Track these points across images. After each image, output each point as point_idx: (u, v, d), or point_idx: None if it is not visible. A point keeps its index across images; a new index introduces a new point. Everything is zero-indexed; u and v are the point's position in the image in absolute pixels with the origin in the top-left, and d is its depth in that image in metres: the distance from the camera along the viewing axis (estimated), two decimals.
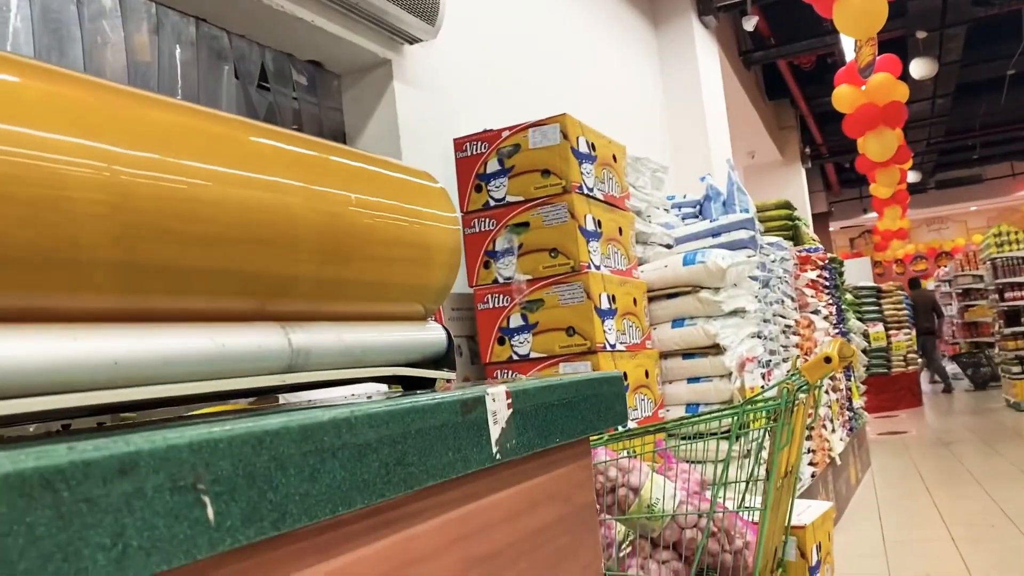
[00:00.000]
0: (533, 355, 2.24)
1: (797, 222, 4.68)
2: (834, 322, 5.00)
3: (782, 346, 3.33)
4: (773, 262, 3.35)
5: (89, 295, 0.51)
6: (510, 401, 0.71)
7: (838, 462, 4.25)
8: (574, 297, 2.20)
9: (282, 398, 1.03)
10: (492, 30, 3.13)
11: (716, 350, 2.54)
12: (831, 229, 17.05)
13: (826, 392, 4.29)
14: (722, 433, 2.35)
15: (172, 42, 2.09)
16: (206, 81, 2.15)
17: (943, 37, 8.15)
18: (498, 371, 2.29)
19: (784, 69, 8.60)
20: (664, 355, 2.61)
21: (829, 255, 5.32)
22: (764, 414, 1.81)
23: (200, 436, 0.42)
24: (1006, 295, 8.28)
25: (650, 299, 2.60)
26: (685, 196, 3.36)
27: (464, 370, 2.41)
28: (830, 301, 4.92)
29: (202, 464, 0.42)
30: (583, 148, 2.29)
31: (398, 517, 0.61)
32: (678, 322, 2.58)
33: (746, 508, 1.90)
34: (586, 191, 2.27)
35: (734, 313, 2.64)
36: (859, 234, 19.80)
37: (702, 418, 1.87)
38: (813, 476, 3.59)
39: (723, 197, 3.23)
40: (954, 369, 12.67)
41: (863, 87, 6.85)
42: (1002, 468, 5.13)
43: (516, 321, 2.28)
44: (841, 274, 5.86)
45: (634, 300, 2.42)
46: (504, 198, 2.29)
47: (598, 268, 2.26)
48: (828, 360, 1.83)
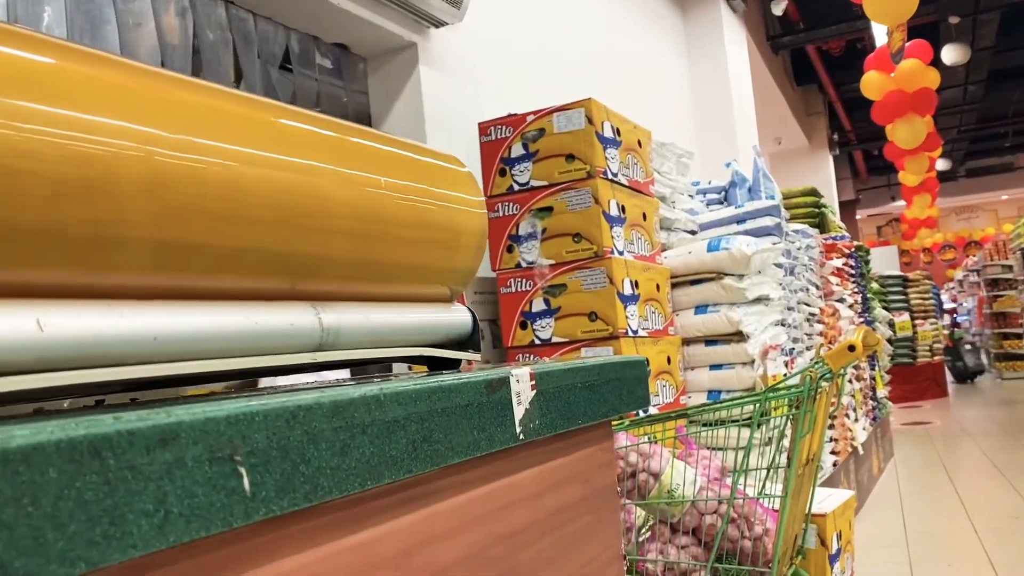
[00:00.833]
0: (555, 340, 2.25)
1: (823, 209, 4.63)
2: (859, 311, 4.95)
3: (806, 334, 3.32)
4: (799, 249, 3.32)
5: (130, 273, 0.53)
6: (534, 382, 0.72)
7: (860, 451, 4.22)
8: (597, 282, 2.20)
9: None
10: (518, 14, 3.12)
11: (739, 337, 2.54)
12: (858, 217, 16.85)
13: (850, 381, 4.26)
14: (744, 420, 2.35)
15: (201, 24, 2.11)
16: (233, 63, 2.17)
17: (976, 23, 7.99)
18: (520, 355, 2.30)
19: (813, 54, 8.48)
20: (686, 341, 2.61)
21: (855, 243, 5.27)
22: (786, 402, 1.80)
23: (237, 409, 0.44)
24: None
25: (673, 285, 2.60)
26: (710, 182, 3.34)
27: (486, 354, 2.42)
28: (855, 290, 4.88)
29: (239, 436, 0.43)
30: (608, 133, 2.29)
31: (423, 493, 0.62)
32: (701, 308, 2.57)
33: (766, 495, 1.91)
34: (610, 176, 2.27)
35: (758, 300, 2.63)
36: (886, 222, 19.55)
37: (724, 405, 1.87)
38: (835, 465, 3.58)
39: (749, 183, 3.20)
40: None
41: (892, 74, 6.74)
42: None
43: (539, 305, 2.29)
44: (867, 262, 5.80)
45: (657, 286, 2.42)
46: (528, 182, 2.30)
47: (621, 253, 2.26)
48: (852, 348, 1.82)
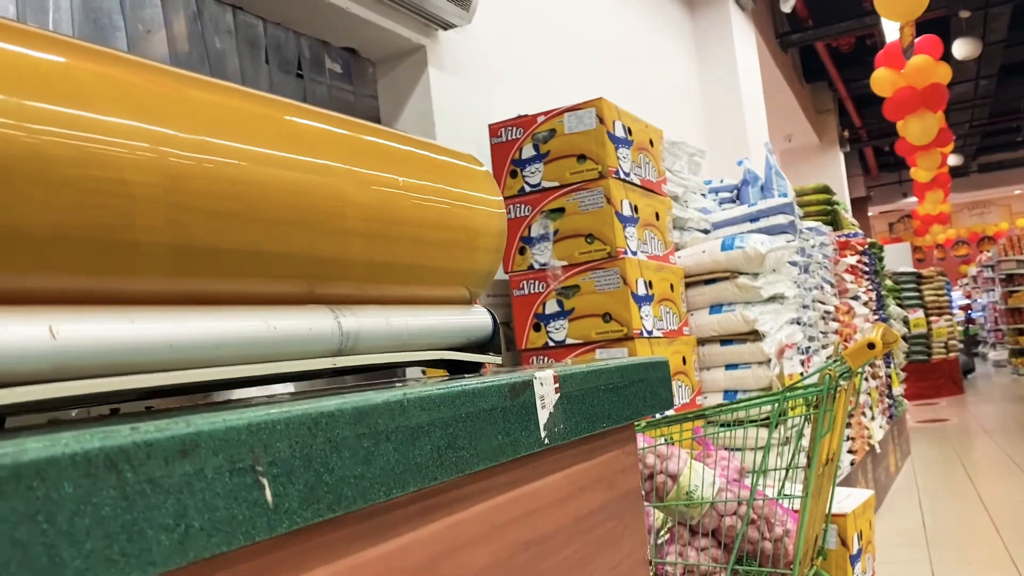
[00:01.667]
0: (569, 341, 2.23)
1: (836, 207, 4.60)
2: (874, 308, 4.91)
3: (821, 332, 3.28)
4: (812, 247, 3.29)
5: (144, 278, 0.52)
6: (557, 385, 0.70)
7: (877, 450, 4.18)
8: (610, 283, 2.18)
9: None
10: (526, 15, 3.10)
11: (755, 336, 2.51)
12: (870, 214, 16.75)
13: (865, 379, 4.22)
14: (761, 420, 2.32)
15: (210, 30, 2.11)
16: (243, 69, 2.17)
17: (987, 16, 7.93)
18: (534, 357, 2.29)
19: (822, 51, 8.43)
20: (702, 341, 2.59)
21: (869, 240, 5.23)
22: (803, 401, 1.78)
23: (258, 417, 0.42)
24: None
25: (687, 285, 2.58)
26: (722, 181, 3.32)
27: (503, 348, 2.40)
28: (870, 287, 4.84)
29: (260, 446, 0.42)
30: (619, 132, 2.27)
31: (448, 501, 0.60)
32: (716, 308, 2.55)
33: (786, 496, 1.88)
34: (622, 176, 2.25)
35: (773, 299, 2.61)
36: (898, 219, 19.43)
37: (742, 405, 1.85)
38: (852, 464, 3.54)
39: (761, 181, 3.18)
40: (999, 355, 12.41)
41: (902, 70, 6.69)
42: None
43: (552, 307, 2.27)
44: (881, 259, 5.75)
45: (671, 286, 2.40)
46: (540, 183, 2.28)
47: (635, 254, 2.24)
48: (871, 346, 1.79)
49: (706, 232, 2.84)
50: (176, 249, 0.52)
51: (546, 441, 0.68)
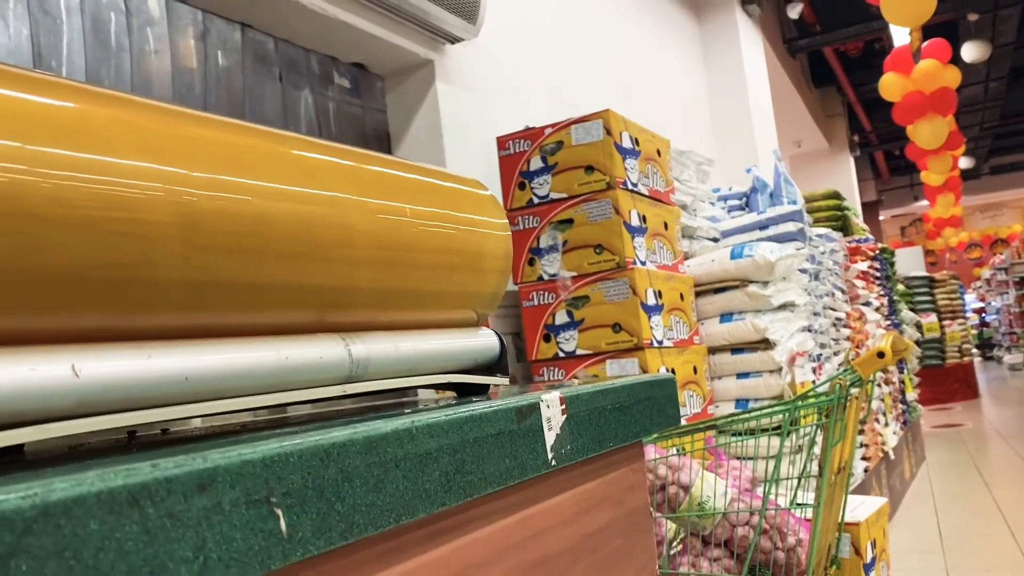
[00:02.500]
0: (579, 352, 2.25)
1: (846, 212, 4.59)
2: (886, 313, 4.89)
3: (833, 339, 3.28)
4: (823, 254, 3.29)
5: (161, 314, 0.53)
6: (564, 407, 0.71)
7: (891, 456, 4.16)
8: (620, 293, 2.19)
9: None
10: (533, 27, 3.13)
11: (765, 345, 2.51)
12: (881, 218, 16.67)
13: (878, 385, 4.20)
14: (773, 429, 2.32)
15: (217, 48, 2.14)
16: (252, 86, 2.19)
17: (996, 19, 7.90)
18: (544, 368, 2.30)
19: (830, 56, 8.42)
20: (712, 350, 2.59)
21: (879, 245, 5.21)
22: (815, 410, 1.78)
23: (272, 451, 0.43)
24: None
25: (697, 294, 2.58)
26: (731, 188, 3.32)
27: (510, 368, 2.42)
28: (881, 292, 4.82)
29: (274, 478, 0.43)
30: (626, 143, 2.28)
31: (456, 524, 0.62)
32: (726, 317, 2.55)
33: (799, 505, 1.88)
34: (630, 186, 2.26)
35: (783, 307, 2.61)
36: (910, 222, 19.33)
37: (753, 414, 1.85)
38: (866, 471, 3.53)
39: (770, 189, 3.18)
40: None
41: (910, 74, 6.67)
42: None
43: (562, 318, 2.28)
44: (892, 264, 5.73)
45: (681, 295, 2.40)
46: (548, 195, 2.30)
47: (644, 264, 2.25)
48: (881, 355, 1.80)
49: (715, 241, 2.85)
50: (191, 285, 0.54)
51: (553, 463, 0.69)
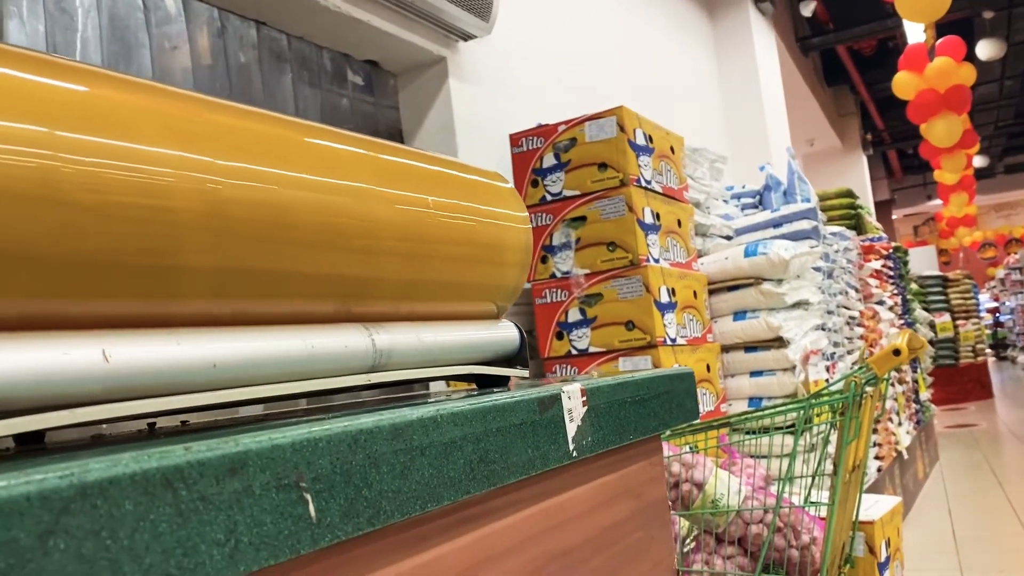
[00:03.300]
0: (592, 350, 2.24)
1: (860, 210, 4.57)
2: (899, 312, 4.87)
3: (846, 338, 3.26)
4: (836, 252, 3.28)
5: (189, 301, 0.54)
6: (585, 399, 0.71)
7: (905, 456, 4.14)
8: (633, 291, 2.19)
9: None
10: (545, 24, 3.12)
11: (779, 343, 2.51)
12: (894, 217, 16.58)
13: (892, 385, 4.18)
14: (787, 427, 2.32)
15: (234, 45, 2.15)
16: (266, 83, 2.20)
17: (1011, 16, 7.85)
18: (557, 366, 2.30)
19: (843, 54, 8.38)
20: (726, 348, 2.59)
21: (893, 244, 5.18)
22: (829, 408, 1.78)
23: (301, 436, 0.44)
24: None
25: (711, 292, 2.57)
26: (744, 186, 3.31)
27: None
28: (895, 291, 4.80)
29: (304, 463, 0.43)
30: (640, 140, 2.28)
31: (479, 513, 0.62)
32: (740, 315, 2.55)
33: (812, 503, 1.88)
34: (644, 184, 2.25)
35: (797, 305, 2.60)
36: (923, 221, 19.21)
37: (767, 412, 1.85)
38: (879, 470, 3.51)
39: (783, 187, 3.17)
40: None
41: (924, 72, 6.63)
42: None
43: (574, 315, 2.28)
44: (906, 263, 5.70)
45: (694, 293, 2.40)
46: (561, 192, 2.30)
47: (657, 261, 2.24)
48: (897, 352, 1.79)
49: (729, 238, 2.84)
50: (219, 272, 0.54)
51: (574, 454, 0.69)
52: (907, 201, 17.15)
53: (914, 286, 6.49)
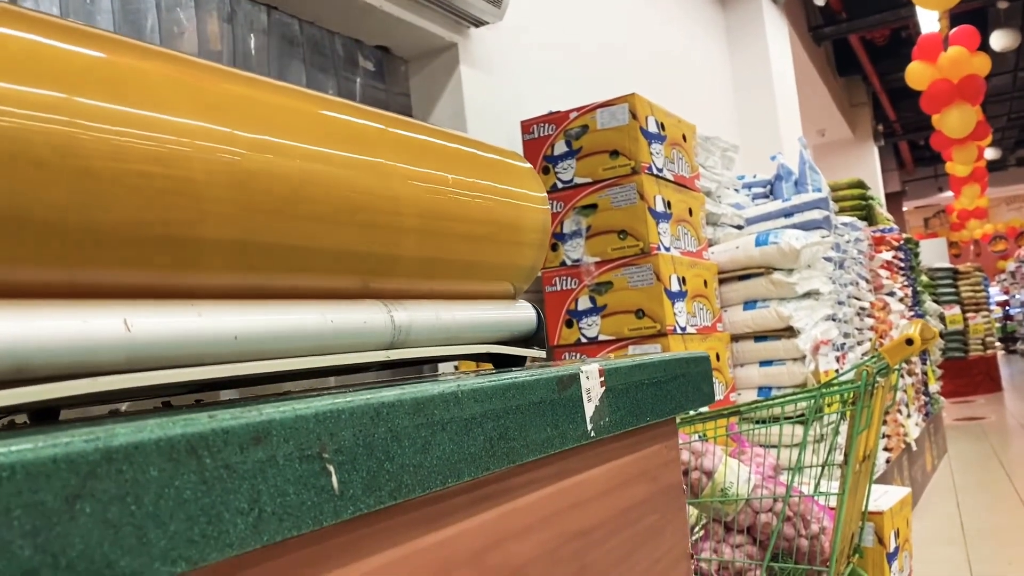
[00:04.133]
0: (601, 338, 2.24)
1: (871, 201, 4.54)
2: (909, 304, 4.85)
3: (856, 329, 3.25)
4: (847, 243, 3.26)
5: (210, 272, 0.53)
6: (603, 379, 0.71)
7: (914, 448, 4.13)
8: (643, 279, 2.18)
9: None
10: (557, 11, 3.11)
11: (789, 333, 2.50)
12: (904, 209, 16.49)
13: (901, 376, 4.17)
14: (797, 417, 2.31)
15: (244, 30, 2.14)
16: (277, 68, 2.20)
17: None
18: (566, 353, 2.29)
19: (856, 44, 8.31)
20: (735, 338, 2.58)
21: (904, 235, 5.15)
22: (839, 398, 1.77)
23: (324, 407, 0.43)
24: None
25: (721, 281, 2.56)
26: (756, 176, 3.30)
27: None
28: (905, 283, 4.77)
29: (327, 434, 0.43)
30: (652, 128, 2.27)
31: (498, 491, 0.62)
32: (750, 304, 2.54)
33: (822, 493, 1.87)
34: (655, 171, 2.24)
35: (808, 295, 2.59)
36: (934, 214, 19.10)
37: (777, 401, 1.84)
38: (888, 462, 3.50)
39: (795, 176, 3.15)
40: None
41: (937, 62, 6.57)
42: None
43: (584, 303, 2.28)
44: (916, 255, 5.67)
45: (705, 282, 2.39)
46: (572, 180, 2.29)
47: (668, 250, 2.23)
48: (910, 342, 1.78)
49: (740, 228, 2.83)
50: (240, 245, 0.54)
51: (592, 434, 0.69)
52: (918, 193, 17.05)
53: (924, 278, 6.47)
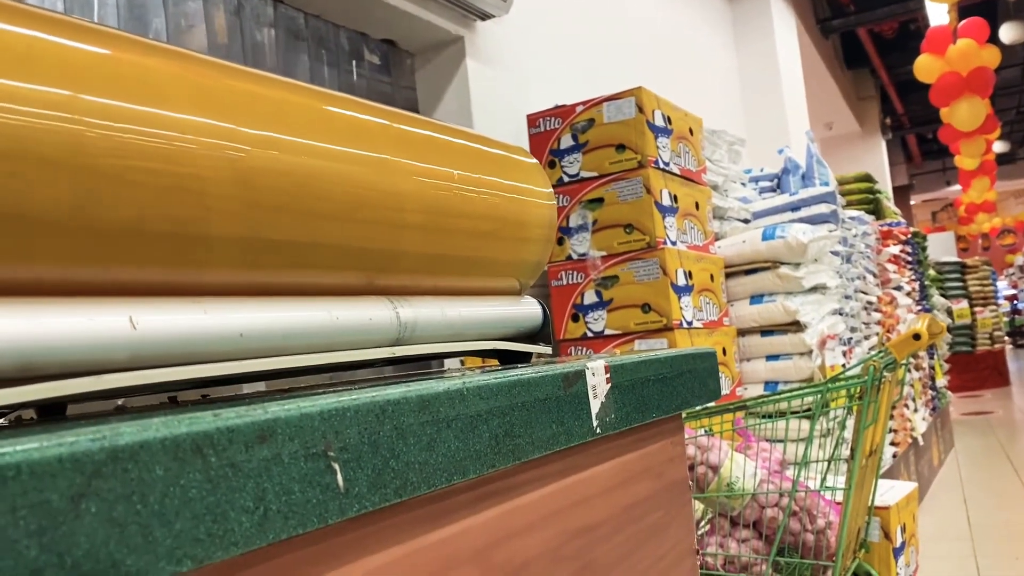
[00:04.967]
0: (608, 332, 2.23)
1: (878, 195, 4.52)
2: (917, 298, 4.83)
3: (863, 323, 3.24)
4: (855, 237, 3.25)
5: (216, 270, 0.53)
6: (609, 375, 0.71)
7: (920, 442, 4.12)
8: (650, 273, 2.18)
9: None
10: (564, 4, 3.09)
11: (796, 327, 2.49)
12: (912, 202, 16.42)
13: (908, 371, 4.16)
14: (803, 412, 2.30)
15: (251, 23, 2.14)
16: (283, 62, 2.20)
17: None
18: (572, 348, 2.29)
19: (864, 37, 8.26)
20: (742, 332, 2.57)
21: (911, 229, 5.13)
22: (846, 392, 1.76)
23: (329, 405, 0.43)
24: None
25: (728, 275, 2.56)
26: (763, 169, 3.28)
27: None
28: (913, 277, 4.75)
29: (332, 432, 0.43)
30: (659, 121, 2.26)
31: (503, 488, 0.62)
32: (756, 298, 2.53)
33: (828, 488, 1.87)
34: (662, 165, 2.23)
35: (815, 289, 2.58)
36: (941, 207, 19.02)
37: (785, 396, 1.83)
38: (895, 456, 3.50)
39: (802, 170, 3.14)
40: None
41: (946, 55, 6.53)
42: None
43: (590, 298, 2.27)
44: (924, 249, 5.65)
45: (711, 276, 2.38)
46: (578, 174, 2.28)
47: (674, 244, 2.23)
48: (917, 337, 1.77)
49: (746, 222, 2.82)
50: (245, 241, 0.54)
51: (598, 430, 0.68)
52: (926, 187, 16.97)
53: (932, 272, 6.44)
